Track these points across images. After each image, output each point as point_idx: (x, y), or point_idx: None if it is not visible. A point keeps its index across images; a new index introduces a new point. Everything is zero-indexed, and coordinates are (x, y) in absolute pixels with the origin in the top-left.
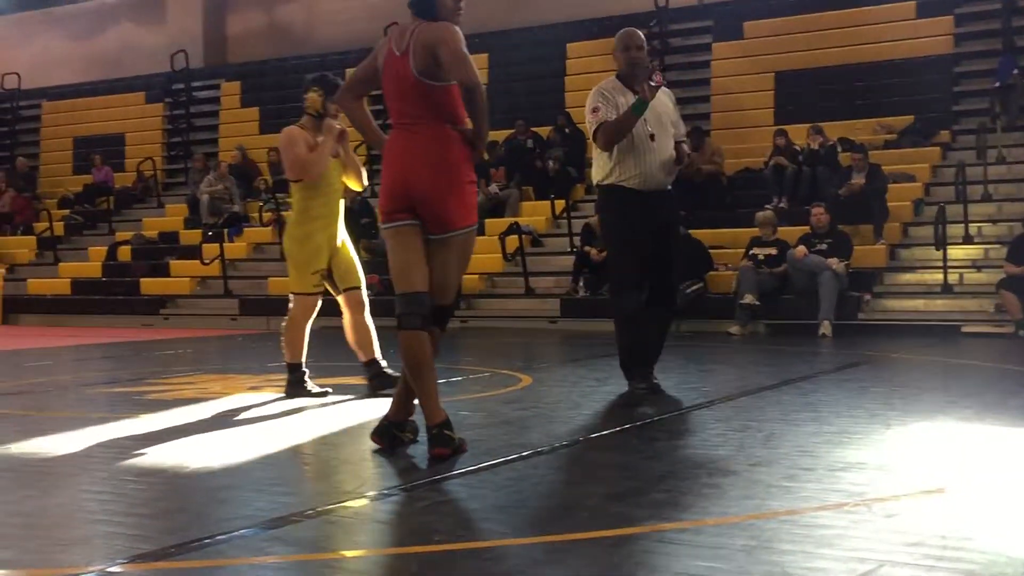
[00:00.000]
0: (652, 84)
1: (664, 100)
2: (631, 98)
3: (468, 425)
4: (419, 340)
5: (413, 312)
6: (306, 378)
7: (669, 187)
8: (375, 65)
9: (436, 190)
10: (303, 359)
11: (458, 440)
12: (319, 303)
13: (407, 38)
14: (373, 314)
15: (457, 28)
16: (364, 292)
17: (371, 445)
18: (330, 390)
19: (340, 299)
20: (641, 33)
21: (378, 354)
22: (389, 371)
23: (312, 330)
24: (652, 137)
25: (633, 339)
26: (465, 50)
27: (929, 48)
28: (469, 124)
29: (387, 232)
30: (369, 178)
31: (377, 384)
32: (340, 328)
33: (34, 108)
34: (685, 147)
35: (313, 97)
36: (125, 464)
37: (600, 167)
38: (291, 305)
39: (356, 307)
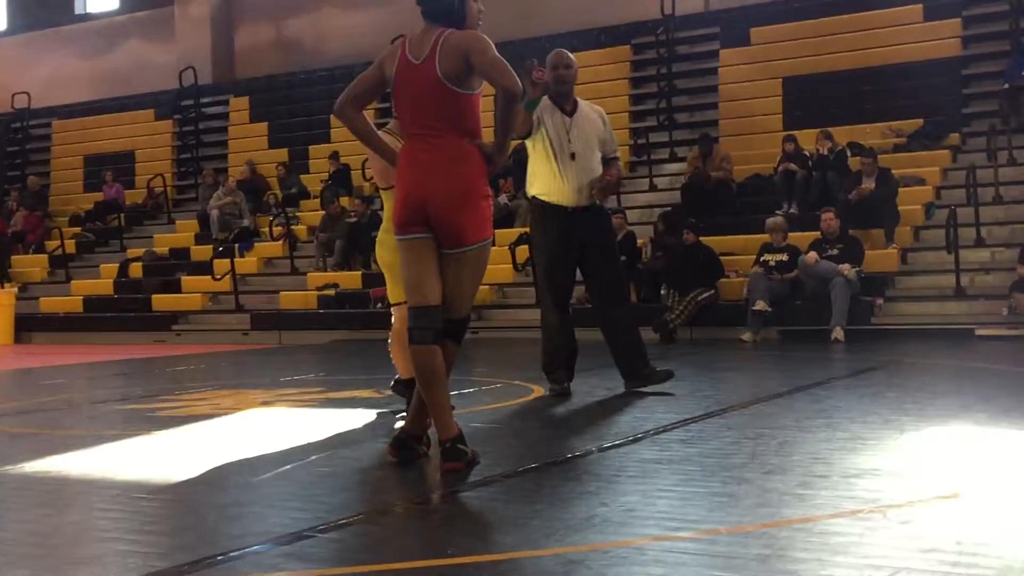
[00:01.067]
0: (533, 81)
1: (593, 118)
2: (559, 117)
3: (481, 437)
4: (431, 354)
5: (425, 326)
6: None
7: (598, 204)
8: (380, 75)
9: (452, 205)
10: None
11: (471, 453)
12: None
13: (429, 45)
14: (380, 327)
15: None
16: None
17: (385, 458)
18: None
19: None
20: (569, 54)
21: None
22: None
23: (322, 345)
24: (573, 156)
25: (552, 346)
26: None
27: (937, 51)
28: (485, 138)
29: (401, 244)
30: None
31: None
32: (351, 342)
33: (44, 127)
34: (616, 166)
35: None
36: (138, 481)
37: (528, 180)
38: (393, 318)
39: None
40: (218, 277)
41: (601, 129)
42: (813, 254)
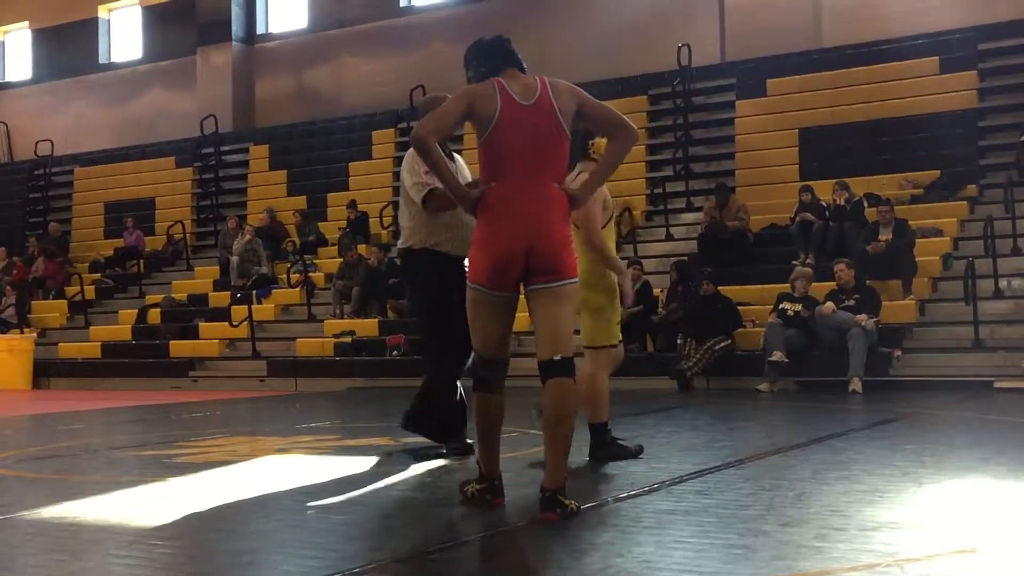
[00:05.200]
0: None
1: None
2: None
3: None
4: (496, 401)
5: (496, 376)
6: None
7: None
8: (467, 114)
9: (558, 246)
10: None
11: (572, 505)
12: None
13: (538, 89)
14: (397, 374)
15: None
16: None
17: (401, 508)
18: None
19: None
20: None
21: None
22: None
23: (339, 392)
24: None
25: (446, 409)
26: None
27: (953, 103)
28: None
29: (487, 297)
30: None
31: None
32: (367, 389)
33: (67, 174)
34: None
35: (599, 143)
36: (153, 528)
37: (412, 229)
38: (589, 360)
39: (610, 363)
40: (235, 324)
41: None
42: (830, 304)
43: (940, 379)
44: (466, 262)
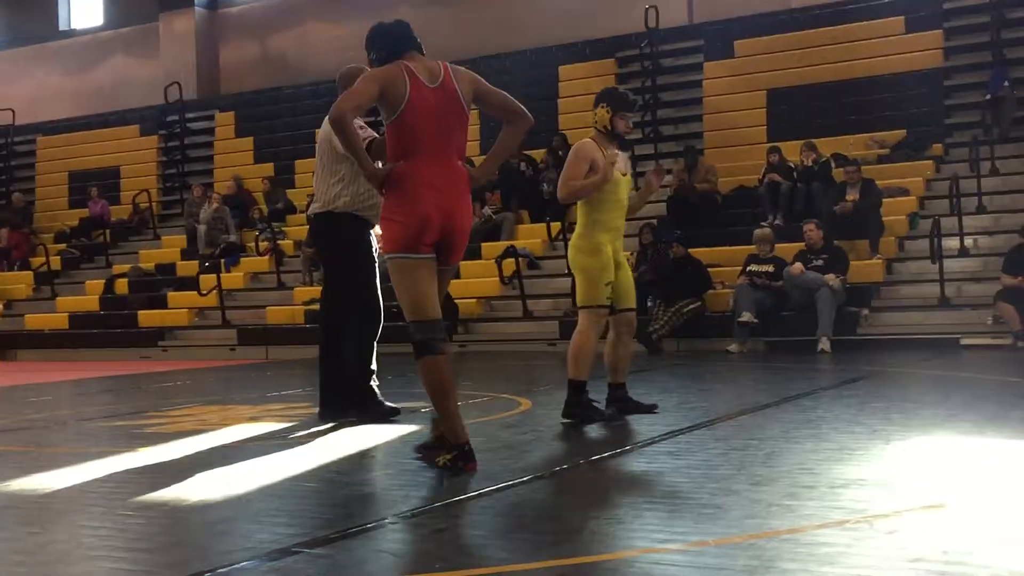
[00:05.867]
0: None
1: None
2: None
3: None
4: (446, 364)
5: (442, 338)
6: (590, 398)
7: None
8: (377, 94)
9: (469, 222)
10: (587, 378)
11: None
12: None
13: (442, 73)
14: (393, 341)
15: None
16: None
17: (371, 474)
18: (610, 412)
19: (611, 319)
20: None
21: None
22: (597, 405)
23: (309, 359)
24: None
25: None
26: None
27: (919, 62)
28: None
29: (414, 262)
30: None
31: (621, 408)
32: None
33: (29, 143)
34: None
35: (601, 113)
36: (125, 499)
37: (336, 194)
38: (580, 319)
39: (628, 328)
40: (204, 293)
41: None
42: (798, 265)
43: (907, 337)
44: (374, 240)
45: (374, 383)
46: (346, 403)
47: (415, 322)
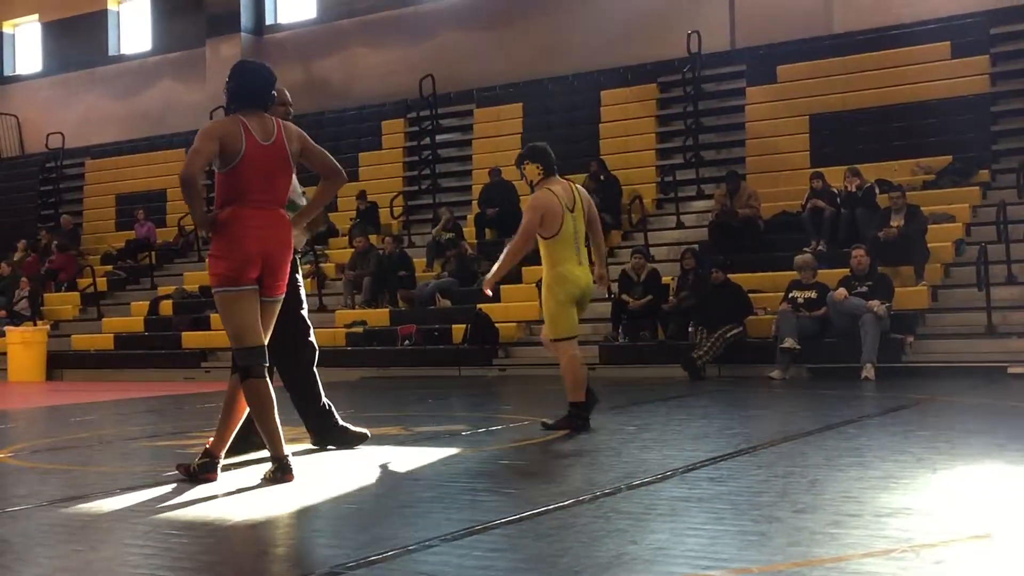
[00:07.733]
0: None
1: None
2: None
3: (508, 474)
4: (267, 386)
5: (264, 363)
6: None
7: None
8: (216, 151)
9: (286, 263)
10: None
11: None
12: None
13: (274, 130)
14: (408, 364)
15: None
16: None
17: (413, 495)
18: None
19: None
20: (285, 91)
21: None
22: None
23: (351, 382)
24: None
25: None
26: None
27: (965, 88)
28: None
29: (238, 294)
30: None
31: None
32: (379, 379)
33: (78, 166)
34: None
35: (531, 169)
36: (168, 517)
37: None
38: (573, 351)
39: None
40: None
41: None
42: (842, 290)
43: (953, 365)
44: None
45: (328, 405)
46: (314, 433)
47: (239, 349)
